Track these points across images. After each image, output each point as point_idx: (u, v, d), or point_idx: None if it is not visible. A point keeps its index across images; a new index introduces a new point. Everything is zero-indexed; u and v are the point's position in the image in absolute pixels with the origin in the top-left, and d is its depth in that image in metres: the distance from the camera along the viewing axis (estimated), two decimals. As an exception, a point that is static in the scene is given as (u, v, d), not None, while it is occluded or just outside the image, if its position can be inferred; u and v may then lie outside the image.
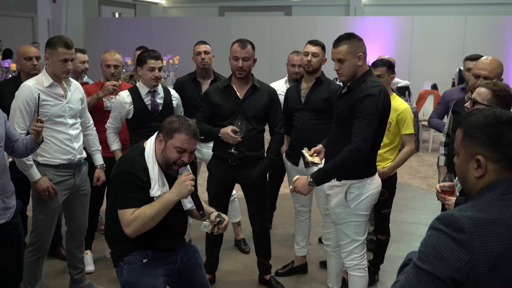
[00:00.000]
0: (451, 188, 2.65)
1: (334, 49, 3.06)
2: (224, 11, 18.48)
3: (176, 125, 2.61)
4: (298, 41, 13.61)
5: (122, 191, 2.58)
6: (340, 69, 3.05)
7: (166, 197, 2.58)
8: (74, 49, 3.45)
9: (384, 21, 13.71)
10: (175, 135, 2.60)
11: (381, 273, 4.16)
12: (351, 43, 3.03)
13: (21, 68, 4.03)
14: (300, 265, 4.25)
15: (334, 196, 3.19)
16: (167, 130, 2.63)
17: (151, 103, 3.82)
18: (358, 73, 3.06)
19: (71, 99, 3.47)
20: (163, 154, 2.64)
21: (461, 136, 1.55)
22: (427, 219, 5.57)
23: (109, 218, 2.75)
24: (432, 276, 1.38)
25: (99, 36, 15.76)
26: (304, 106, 3.92)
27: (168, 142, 2.62)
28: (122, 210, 2.55)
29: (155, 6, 19.48)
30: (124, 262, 2.64)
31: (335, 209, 3.19)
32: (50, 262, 4.22)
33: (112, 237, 2.76)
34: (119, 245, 2.69)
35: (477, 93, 2.87)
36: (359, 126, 2.95)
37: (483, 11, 14.67)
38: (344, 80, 3.13)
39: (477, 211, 1.42)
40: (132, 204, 2.55)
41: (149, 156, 2.65)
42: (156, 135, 2.71)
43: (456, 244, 1.37)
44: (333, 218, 3.26)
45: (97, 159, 3.82)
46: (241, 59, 3.65)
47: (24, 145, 2.97)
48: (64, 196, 3.49)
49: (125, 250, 2.66)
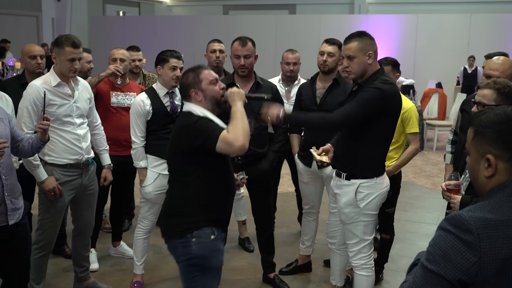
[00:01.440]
0: (457, 186, 2.64)
1: (344, 45, 3.05)
2: (228, 10, 18.48)
3: (193, 70, 2.68)
4: (303, 40, 13.65)
5: (206, 129, 2.51)
6: (348, 66, 3.02)
7: (235, 109, 2.58)
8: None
9: (389, 19, 13.68)
10: (201, 77, 2.65)
11: (385, 272, 4.15)
12: (362, 40, 3.01)
13: (25, 67, 4.04)
14: (304, 264, 4.25)
15: (343, 195, 3.16)
16: (192, 82, 2.65)
17: (170, 104, 3.73)
18: (367, 72, 3.03)
19: (78, 98, 3.46)
20: (207, 99, 2.65)
21: (472, 135, 1.54)
22: (432, 218, 5.56)
23: (175, 188, 2.67)
24: (439, 277, 1.37)
25: (104, 35, 15.79)
26: (319, 106, 3.84)
27: (202, 86, 2.65)
28: (220, 136, 2.47)
29: (159, 4, 19.50)
30: (193, 235, 2.57)
31: (344, 208, 3.16)
32: (54, 260, 4.23)
33: (178, 209, 2.64)
34: (187, 217, 2.60)
35: (481, 96, 2.84)
36: (349, 104, 2.97)
37: (488, 9, 14.61)
38: (352, 77, 3.10)
39: (486, 212, 1.41)
40: (221, 128, 2.53)
41: (203, 112, 2.62)
42: (187, 98, 2.69)
43: (464, 245, 1.36)
44: (341, 218, 3.23)
45: (104, 159, 3.81)
46: (243, 57, 3.65)
47: (29, 144, 2.95)
48: (70, 196, 3.49)
49: (195, 224, 2.58)
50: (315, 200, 4.10)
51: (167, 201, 2.73)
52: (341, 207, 3.18)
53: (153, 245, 4.38)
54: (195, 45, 14.23)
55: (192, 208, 2.60)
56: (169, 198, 2.73)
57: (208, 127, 2.51)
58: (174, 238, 2.62)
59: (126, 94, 4.21)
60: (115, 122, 4.15)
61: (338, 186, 3.20)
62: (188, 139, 2.54)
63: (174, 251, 2.66)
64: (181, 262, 2.62)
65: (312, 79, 4.00)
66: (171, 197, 2.71)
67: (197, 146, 2.51)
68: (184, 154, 2.59)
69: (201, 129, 2.51)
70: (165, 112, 3.71)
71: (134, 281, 3.89)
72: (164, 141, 3.64)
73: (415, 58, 13.34)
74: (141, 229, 3.85)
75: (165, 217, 2.71)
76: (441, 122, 9.48)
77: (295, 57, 4.46)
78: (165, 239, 2.69)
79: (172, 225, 2.64)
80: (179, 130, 2.63)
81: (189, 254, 2.58)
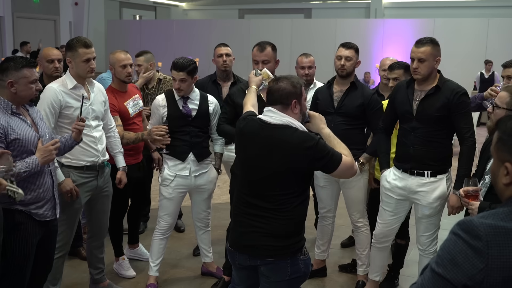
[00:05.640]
0: (475, 192, 2.62)
1: (417, 48, 3.32)
2: (244, 14, 18.53)
3: (294, 80, 2.56)
4: (318, 44, 13.63)
5: (327, 153, 2.46)
6: (418, 67, 3.29)
7: (327, 132, 2.69)
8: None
9: (405, 23, 13.60)
10: (302, 91, 2.58)
11: (400, 277, 4.12)
12: (434, 46, 3.33)
13: (43, 70, 4.08)
14: (319, 269, 4.23)
15: (431, 192, 3.39)
16: (296, 92, 2.53)
17: (182, 108, 3.77)
18: (432, 74, 3.34)
19: (94, 101, 3.50)
20: (300, 115, 2.59)
21: (495, 140, 1.53)
22: (448, 224, 5.47)
23: (292, 207, 2.51)
24: (445, 281, 1.36)
25: (120, 38, 15.93)
26: (336, 110, 3.84)
27: (302, 100, 2.58)
28: (342, 161, 2.48)
29: (175, 8, 19.62)
30: (301, 253, 2.55)
31: (433, 203, 3.40)
32: (70, 262, 4.26)
33: (295, 229, 2.54)
34: (297, 236, 2.54)
35: (498, 97, 2.86)
36: (466, 121, 3.28)
37: (506, 13, 14.44)
38: (419, 78, 3.33)
39: (498, 220, 1.39)
40: (338, 153, 2.51)
41: (301, 126, 2.54)
42: (280, 106, 2.53)
43: (472, 251, 1.34)
44: (426, 213, 3.44)
45: (119, 161, 3.84)
46: (261, 62, 3.65)
47: (63, 144, 3.05)
48: (86, 198, 3.52)
49: (302, 242, 2.55)
50: (332, 204, 4.09)
51: (267, 222, 2.51)
52: (430, 203, 3.40)
53: (168, 248, 4.40)
54: (211, 49, 14.12)
55: (299, 229, 2.56)
56: (272, 219, 2.51)
57: (329, 149, 2.48)
58: (284, 259, 2.51)
59: (133, 100, 4.18)
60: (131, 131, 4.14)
61: (423, 185, 3.40)
62: (307, 160, 2.44)
63: (278, 272, 2.52)
64: (283, 281, 2.53)
65: (329, 83, 3.99)
66: (273, 218, 2.50)
67: (318, 166, 2.49)
68: (296, 174, 2.48)
69: (324, 150, 2.46)
70: (179, 114, 3.74)
71: (148, 284, 3.91)
72: (181, 142, 3.73)
73: (432, 63, 13.26)
74: (158, 229, 3.89)
75: (267, 238, 2.51)
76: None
77: (309, 61, 4.45)
78: (266, 261, 2.53)
79: (281, 247, 2.50)
80: (288, 146, 2.45)
81: (298, 272, 2.54)
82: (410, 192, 3.46)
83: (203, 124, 3.83)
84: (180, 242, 4.90)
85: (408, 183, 3.44)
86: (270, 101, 2.58)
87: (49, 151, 2.79)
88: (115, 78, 4.05)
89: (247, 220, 2.56)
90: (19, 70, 2.76)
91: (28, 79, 2.78)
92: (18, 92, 2.76)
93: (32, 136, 2.79)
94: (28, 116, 2.89)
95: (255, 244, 2.52)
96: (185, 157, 3.75)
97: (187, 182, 3.79)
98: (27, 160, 2.69)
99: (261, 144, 2.51)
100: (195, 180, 3.81)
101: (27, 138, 2.75)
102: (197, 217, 4.00)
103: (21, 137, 2.72)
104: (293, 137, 2.45)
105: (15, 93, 2.76)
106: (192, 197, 3.98)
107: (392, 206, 3.56)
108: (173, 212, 3.85)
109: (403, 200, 3.53)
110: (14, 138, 2.69)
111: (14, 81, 2.74)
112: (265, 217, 2.50)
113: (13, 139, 2.68)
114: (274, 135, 2.48)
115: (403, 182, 3.46)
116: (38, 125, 2.90)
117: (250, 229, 2.54)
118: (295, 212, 2.51)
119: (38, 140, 2.81)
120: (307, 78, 4.47)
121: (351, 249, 4.69)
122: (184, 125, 3.74)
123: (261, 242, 2.51)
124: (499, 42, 12.57)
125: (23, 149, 2.72)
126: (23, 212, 2.77)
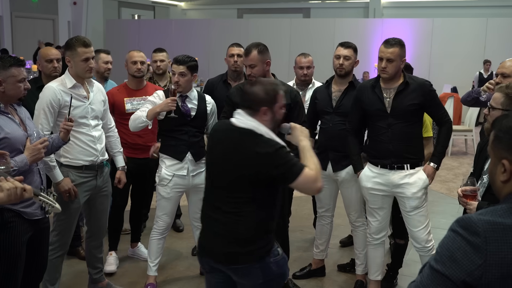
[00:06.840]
0: (473, 192, 2.62)
1: (387, 49, 3.39)
2: (242, 13, 18.51)
3: (271, 85, 2.47)
4: (317, 43, 13.64)
5: (286, 162, 2.35)
6: (386, 67, 3.40)
7: (308, 146, 2.49)
8: (99, 50, 3.48)
9: (404, 23, 13.61)
10: (278, 97, 2.46)
11: (399, 277, 4.13)
12: (402, 48, 3.42)
13: (42, 70, 4.08)
14: (318, 268, 4.23)
15: (413, 183, 3.50)
16: (267, 99, 2.43)
17: (181, 107, 3.76)
18: (398, 73, 3.46)
19: (93, 100, 3.50)
20: (272, 122, 2.48)
21: (492, 138, 1.54)
22: (446, 224, 5.48)
23: (251, 212, 2.43)
24: (444, 277, 1.37)
25: (119, 38, 15.90)
26: (335, 109, 3.85)
27: (275, 107, 2.46)
28: (302, 172, 2.33)
29: (174, 8, 19.60)
30: (270, 255, 2.48)
31: (417, 193, 3.50)
32: (69, 262, 4.26)
33: (256, 232, 2.45)
34: (261, 240, 2.46)
35: (492, 98, 2.86)
36: (440, 107, 3.60)
37: (504, 13, 14.45)
38: (386, 77, 3.44)
39: (496, 216, 1.40)
40: (302, 164, 2.38)
41: (270, 134, 2.44)
42: (250, 111, 2.45)
43: (470, 247, 1.35)
44: (413, 205, 3.52)
45: (118, 161, 3.84)
46: (248, 66, 3.66)
47: (50, 143, 3.03)
48: (85, 197, 3.52)
49: (270, 244, 2.48)
50: (330, 203, 4.10)
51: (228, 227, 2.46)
52: (415, 193, 3.50)
53: (167, 248, 4.39)
54: (209, 48, 14.28)
55: (267, 227, 2.48)
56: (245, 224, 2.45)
57: (290, 159, 2.36)
58: (250, 263, 2.46)
59: (143, 99, 4.20)
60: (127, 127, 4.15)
61: (404, 177, 3.51)
62: (263, 165, 2.36)
63: (248, 275, 2.48)
64: (258, 284, 2.48)
65: (328, 83, 4.00)
66: (245, 224, 2.44)
67: (274, 175, 2.36)
68: (253, 179, 2.39)
69: (283, 158, 2.35)
70: (178, 112, 3.72)
71: (147, 283, 3.91)
72: (179, 142, 3.73)
73: (430, 63, 13.26)
74: (156, 229, 3.88)
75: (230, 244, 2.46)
76: (456, 127, 9.39)
77: (308, 61, 4.45)
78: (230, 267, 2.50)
79: (245, 252, 2.44)
80: (246, 151, 2.39)
81: (271, 274, 2.48)
82: (393, 186, 3.54)
83: (200, 124, 3.83)
84: (179, 241, 4.90)
85: (390, 178, 3.53)
86: (241, 103, 2.53)
87: (38, 150, 2.79)
88: (128, 75, 4.30)
89: (211, 224, 2.54)
90: (7, 69, 2.76)
91: (16, 78, 2.78)
92: (6, 91, 2.76)
93: (21, 135, 2.79)
94: (16, 115, 2.89)
95: (220, 250, 2.49)
96: (183, 156, 3.75)
97: (185, 181, 3.79)
98: (16, 158, 2.69)
99: (224, 146, 2.48)
100: (193, 179, 3.81)
101: (15, 137, 2.75)
102: (194, 217, 3.99)
103: (10, 136, 2.72)
104: (252, 142, 2.39)
105: (3, 92, 2.76)
106: (189, 197, 3.97)
107: (379, 203, 3.65)
108: (171, 211, 3.86)
109: (387, 195, 3.62)
110: (3, 137, 2.69)
111: (2, 80, 2.74)
112: (226, 222, 2.46)
113: (1, 138, 2.69)
114: (236, 138, 2.45)
115: (383, 177, 3.55)
116: (26, 124, 2.90)
117: (215, 234, 2.51)
118: (253, 217, 2.44)
119: (27, 139, 2.81)
120: (306, 78, 4.47)
121: (350, 248, 4.69)
122: (182, 124, 3.74)
123: (225, 249, 2.47)
124: (498, 42, 12.58)
125: (12, 148, 2.71)
126: (11, 210, 2.75)
